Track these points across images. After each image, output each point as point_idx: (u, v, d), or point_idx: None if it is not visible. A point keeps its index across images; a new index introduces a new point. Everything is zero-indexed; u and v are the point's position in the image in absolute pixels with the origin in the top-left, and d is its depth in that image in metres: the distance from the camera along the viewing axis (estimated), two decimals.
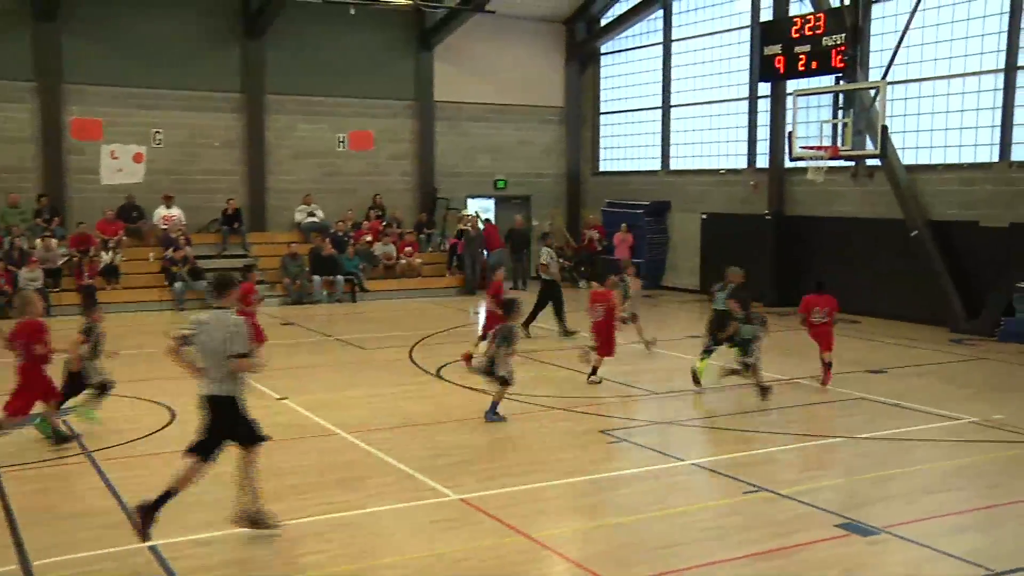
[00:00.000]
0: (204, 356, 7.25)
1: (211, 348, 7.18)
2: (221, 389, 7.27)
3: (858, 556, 7.02)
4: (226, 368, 7.19)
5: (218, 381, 7.25)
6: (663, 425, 11.02)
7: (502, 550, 7.09)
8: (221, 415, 7.34)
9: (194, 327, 7.27)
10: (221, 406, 7.32)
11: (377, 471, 9.11)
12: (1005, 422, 10.94)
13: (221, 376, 7.23)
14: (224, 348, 7.13)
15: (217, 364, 7.20)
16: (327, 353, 15.88)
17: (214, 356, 7.19)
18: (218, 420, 7.35)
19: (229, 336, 7.15)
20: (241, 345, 7.14)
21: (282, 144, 24.90)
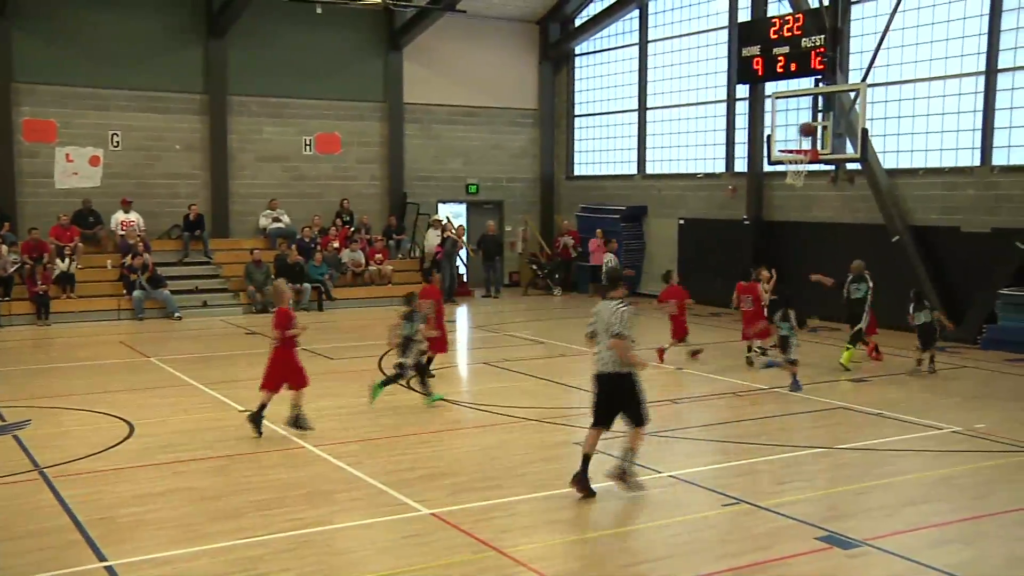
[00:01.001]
0: (601, 339, 8.62)
1: (604, 332, 8.57)
2: (618, 367, 8.52)
3: (838, 570, 7.07)
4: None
5: (614, 360, 8.51)
6: None
7: (474, 566, 7.08)
8: (618, 390, 8.61)
9: (592, 317, 8.74)
10: (617, 382, 8.58)
11: (345, 485, 9.07)
12: (988, 431, 11.08)
13: (615, 356, 8.48)
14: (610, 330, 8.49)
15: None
16: None
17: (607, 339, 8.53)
18: (615, 395, 8.63)
19: (616, 320, 8.48)
20: (621, 327, 8.42)
21: (246, 147, 24.78)
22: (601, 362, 8.63)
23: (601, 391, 8.70)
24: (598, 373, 8.69)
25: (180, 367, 15.25)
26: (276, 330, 11.04)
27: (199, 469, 9.62)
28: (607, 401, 8.67)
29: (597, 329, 8.70)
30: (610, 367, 8.55)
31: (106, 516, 8.13)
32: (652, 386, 13.79)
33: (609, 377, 8.60)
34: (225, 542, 7.53)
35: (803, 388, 13.30)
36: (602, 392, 8.69)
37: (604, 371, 8.62)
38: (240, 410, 12.15)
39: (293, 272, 22.42)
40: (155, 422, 11.56)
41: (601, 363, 8.63)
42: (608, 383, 8.64)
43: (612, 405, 8.68)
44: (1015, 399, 13.14)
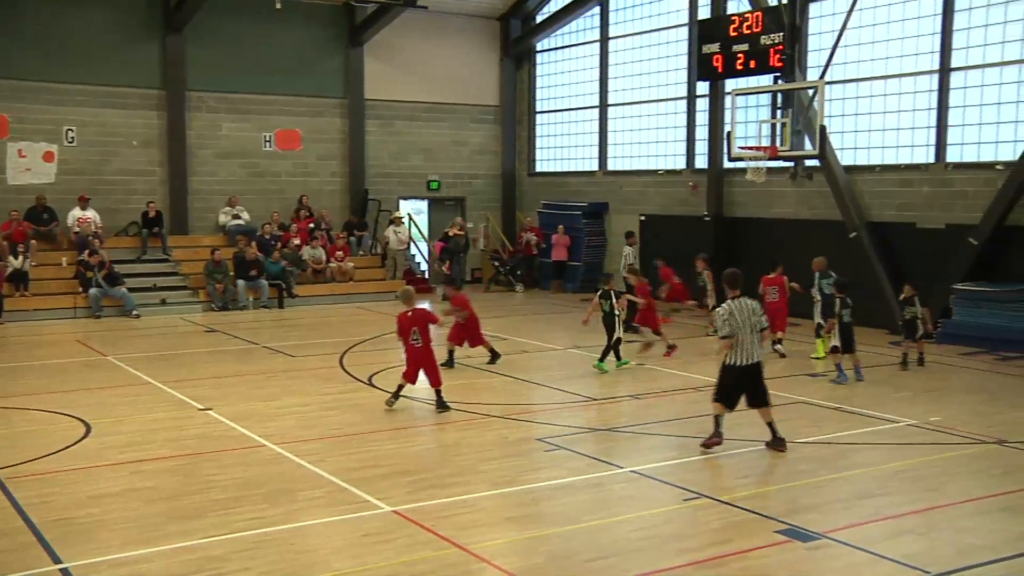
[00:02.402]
0: (744, 333, 9.82)
1: (749, 326, 9.86)
2: (758, 357, 9.96)
3: (798, 562, 7.15)
4: (759, 339, 9.95)
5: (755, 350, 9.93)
6: (601, 432, 11.10)
7: (436, 563, 7.08)
8: (752, 377, 9.99)
9: (729, 312, 9.86)
10: (755, 370, 9.98)
11: (306, 483, 9.02)
12: (942, 424, 11.27)
13: (756, 346, 9.92)
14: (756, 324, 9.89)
15: (752, 338, 9.87)
16: (253, 362, 15.68)
17: (752, 332, 9.89)
18: (748, 380, 9.98)
19: (759, 316, 10.00)
20: (765, 320, 10.17)
21: (205, 143, 24.53)
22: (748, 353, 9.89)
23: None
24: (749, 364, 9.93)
25: (138, 366, 15.07)
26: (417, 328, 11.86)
27: (158, 469, 9.51)
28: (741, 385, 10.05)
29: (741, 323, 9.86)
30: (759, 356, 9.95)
31: (62, 518, 8.02)
32: (615, 382, 13.92)
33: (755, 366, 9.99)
34: (184, 542, 7.46)
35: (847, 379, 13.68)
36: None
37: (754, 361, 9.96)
38: (200, 408, 12.04)
39: (252, 269, 22.24)
40: (113, 421, 11.41)
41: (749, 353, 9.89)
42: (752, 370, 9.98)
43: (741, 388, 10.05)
44: (969, 392, 13.38)
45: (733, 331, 9.79)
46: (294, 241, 24.00)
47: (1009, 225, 17.15)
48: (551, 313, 21.31)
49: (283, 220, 24.70)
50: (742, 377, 9.94)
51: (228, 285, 22.05)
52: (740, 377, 9.94)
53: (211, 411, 11.92)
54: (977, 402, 12.65)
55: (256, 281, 22.25)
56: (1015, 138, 17.39)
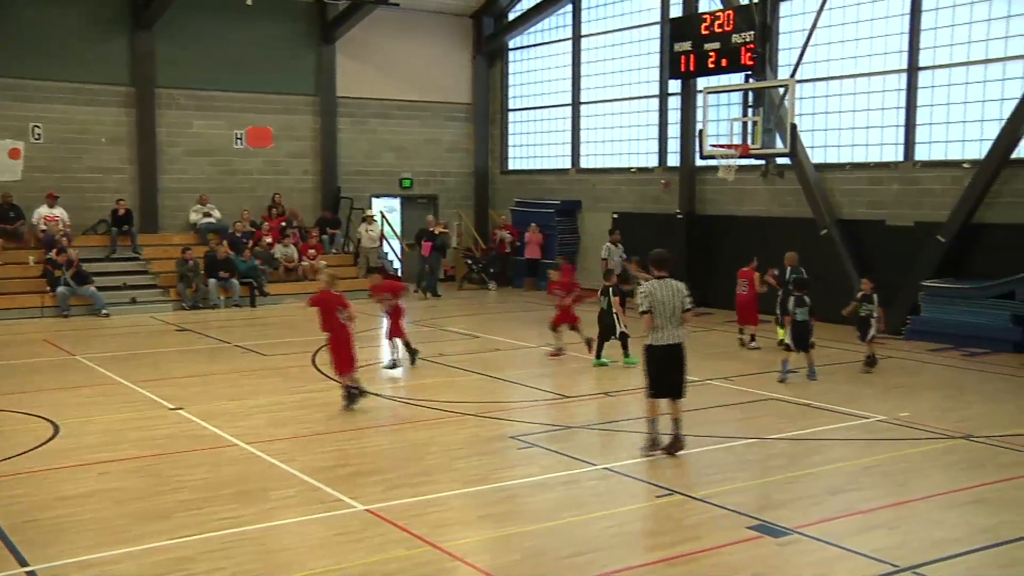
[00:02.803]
0: (664, 312, 9.59)
1: (670, 306, 9.63)
2: (679, 339, 9.70)
3: (769, 558, 7.19)
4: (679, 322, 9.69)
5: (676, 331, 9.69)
6: (574, 429, 11.11)
7: (410, 561, 7.05)
8: (674, 360, 9.72)
9: (649, 291, 9.64)
10: (676, 352, 9.71)
11: (278, 483, 8.96)
12: (911, 419, 11.37)
13: (677, 328, 9.69)
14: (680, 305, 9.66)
15: (673, 319, 9.63)
16: (224, 360, 15.57)
17: (673, 313, 9.62)
18: (669, 363, 9.71)
19: (683, 298, 9.72)
20: (688, 302, 9.75)
21: (175, 141, 24.31)
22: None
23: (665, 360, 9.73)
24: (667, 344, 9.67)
25: (108, 365, 14.91)
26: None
27: (126, 469, 9.41)
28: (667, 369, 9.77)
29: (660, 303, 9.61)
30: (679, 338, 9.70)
31: (29, 519, 7.91)
32: (586, 379, 13.93)
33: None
34: (154, 543, 7.38)
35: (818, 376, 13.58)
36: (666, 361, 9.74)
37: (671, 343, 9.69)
38: (170, 408, 11.93)
39: (224, 267, 22.09)
40: (81, 422, 11.28)
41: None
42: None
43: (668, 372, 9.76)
44: (937, 388, 13.52)
45: (651, 307, 9.57)
46: (266, 239, 23.85)
47: (975, 223, 17.34)
48: (524, 311, 21.30)
49: (255, 218, 24.53)
50: (664, 359, 9.71)
51: (199, 284, 21.87)
52: (662, 359, 9.72)
53: (182, 410, 11.81)
54: (944, 398, 12.78)
55: (227, 280, 22.08)
56: (981, 137, 17.58)
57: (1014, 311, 16.31)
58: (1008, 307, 16.39)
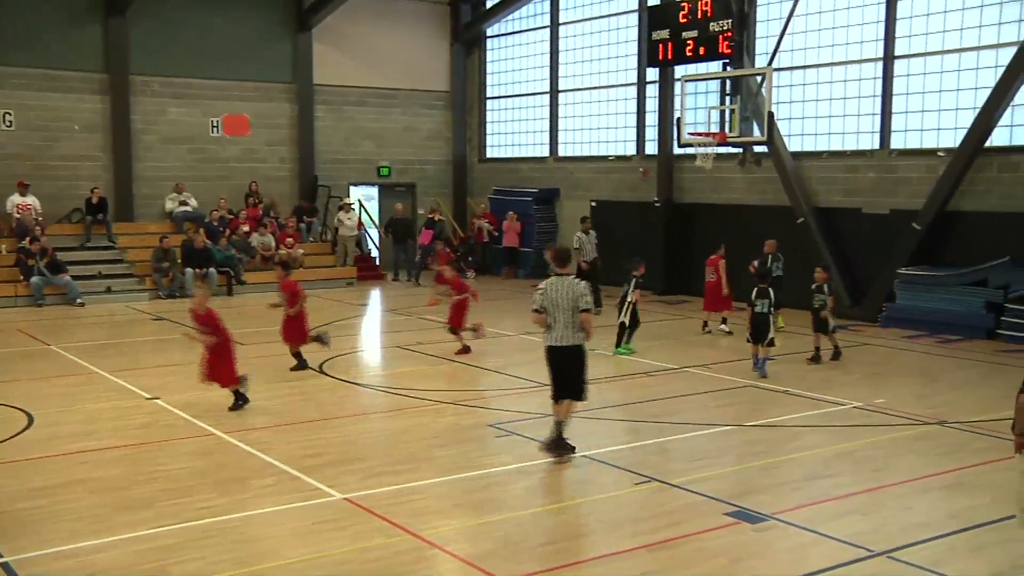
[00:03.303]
0: (557, 312, 9.03)
1: (563, 306, 8.99)
2: (573, 340, 9.09)
3: (746, 544, 7.26)
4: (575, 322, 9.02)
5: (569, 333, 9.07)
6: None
7: (389, 550, 7.07)
8: (566, 362, 9.14)
9: (543, 289, 9.10)
10: (569, 355, 9.13)
11: (257, 472, 8.95)
12: (886, 406, 11.49)
13: (571, 329, 9.05)
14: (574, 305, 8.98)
15: (567, 319, 9.00)
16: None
17: (565, 312, 9.00)
18: (561, 365, 9.16)
19: (579, 297, 8.99)
20: (584, 302, 8.99)
21: (150, 128, 24.10)
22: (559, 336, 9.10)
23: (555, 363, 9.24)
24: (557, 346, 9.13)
25: (83, 355, 14.81)
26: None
27: (104, 459, 9.37)
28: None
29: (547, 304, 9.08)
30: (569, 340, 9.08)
31: (5, 510, 7.86)
32: None
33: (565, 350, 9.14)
34: (133, 532, 7.36)
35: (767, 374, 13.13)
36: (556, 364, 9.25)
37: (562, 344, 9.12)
38: (147, 397, 11.87)
39: (200, 256, 21.96)
40: (57, 412, 11.21)
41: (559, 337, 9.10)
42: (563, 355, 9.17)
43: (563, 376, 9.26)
44: (912, 374, 13.66)
45: (542, 307, 9.09)
46: (243, 228, 23.71)
47: (950, 211, 17.49)
48: (503, 299, 21.30)
49: (231, 207, 24.39)
50: (557, 360, 9.20)
51: (176, 272, 21.73)
52: (555, 360, 9.21)
53: (158, 400, 11.76)
54: (919, 384, 12.92)
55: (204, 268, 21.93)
56: (955, 125, 17.72)
57: (987, 298, 16.48)
58: (981, 294, 16.56)
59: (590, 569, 6.76)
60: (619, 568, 6.78)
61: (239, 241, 23.27)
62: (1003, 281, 16.33)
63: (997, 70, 16.82)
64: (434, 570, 6.92)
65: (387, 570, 6.76)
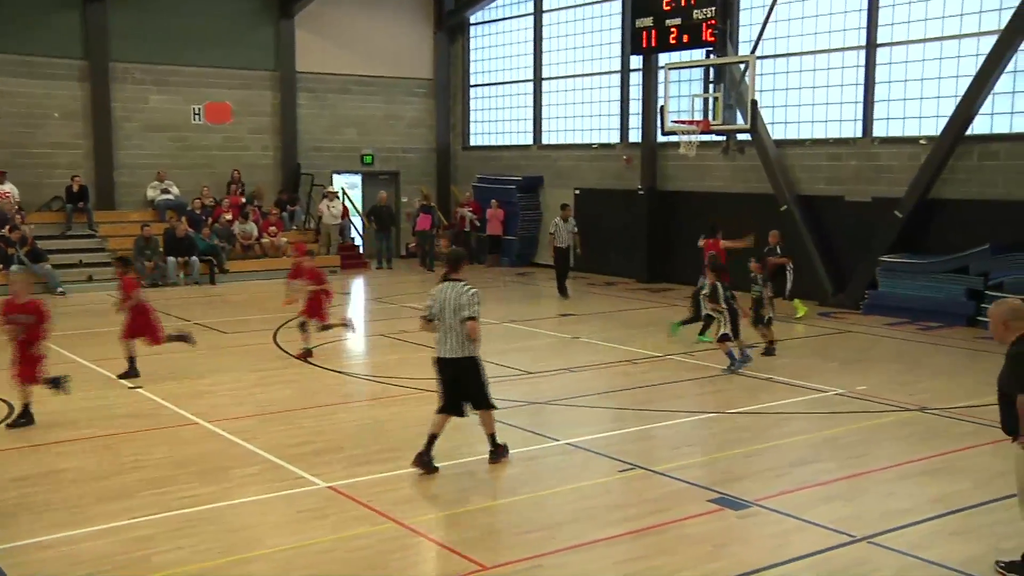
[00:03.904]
0: (443, 319, 8.41)
1: (449, 312, 8.38)
2: (463, 351, 8.43)
3: (730, 530, 7.28)
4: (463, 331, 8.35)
5: (456, 342, 8.41)
6: (536, 405, 11.14)
7: (372, 538, 7.05)
8: (456, 374, 8.51)
9: (432, 295, 8.53)
10: (458, 366, 8.47)
11: (240, 461, 8.91)
12: (868, 392, 11.55)
13: (459, 338, 8.38)
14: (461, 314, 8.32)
15: (453, 326, 8.37)
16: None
17: (451, 319, 8.36)
18: (452, 378, 8.54)
19: (466, 305, 8.33)
20: (470, 311, 8.32)
21: (131, 116, 23.91)
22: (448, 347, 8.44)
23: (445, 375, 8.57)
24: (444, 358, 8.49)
25: (64, 344, 14.65)
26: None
27: (84, 449, 9.31)
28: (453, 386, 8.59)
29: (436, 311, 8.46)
30: (457, 351, 8.41)
31: None
32: (549, 354, 13.96)
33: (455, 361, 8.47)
34: (113, 523, 7.31)
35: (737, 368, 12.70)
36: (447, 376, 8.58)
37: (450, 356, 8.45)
38: (129, 387, 11.80)
39: (183, 245, 21.83)
40: (36, 401, 11.08)
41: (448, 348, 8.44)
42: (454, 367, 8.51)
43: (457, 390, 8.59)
44: (894, 361, 13.72)
45: (432, 314, 8.51)
46: (226, 216, 23.58)
47: (932, 199, 17.56)
48: (486, 287, 21.26)
49: (214, 195, 24.25)
50: (446, 372, 8.57)
51: (158, 261, 21.60)
52: (444, 372, 8.58)
53: (140, 389, 11.69)
54: (901, 371, 12.99)
55: (186, 257, 21.81)
56: (937, 113, 17.77)
57: (968, 285, 16.57)
58: (962, 281, 16.65)
59: (574, 556, 6.77)
60: (603, 555, 6.79)
61: (221, 229, 23.14)
62: (983, 268, 16.43)
63: (978, 58, 16.87)
64: (417, 558, 6.91)
65: (371, 559, 6.74)
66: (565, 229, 20.03)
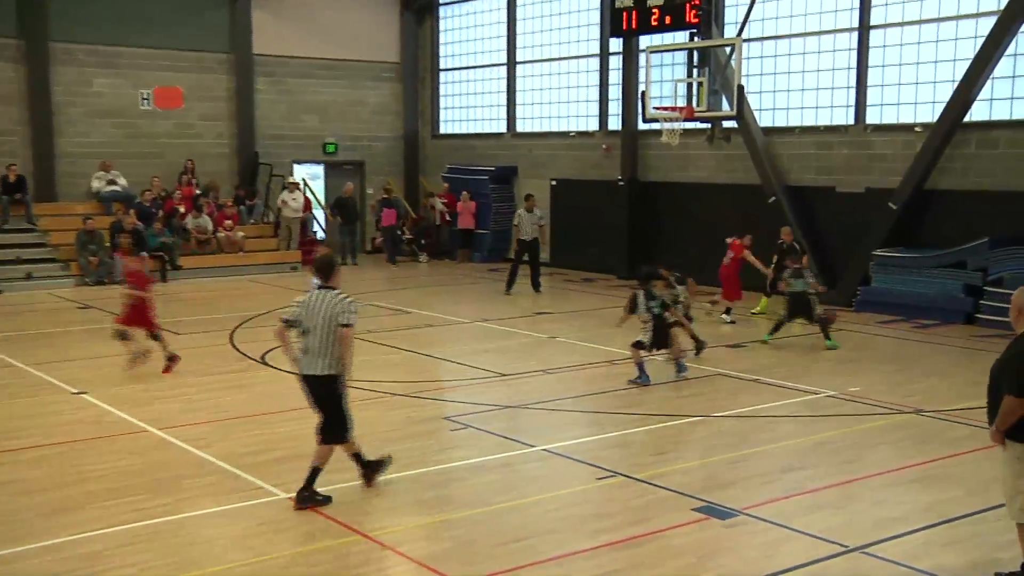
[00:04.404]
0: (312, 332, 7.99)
1: (319, 325, 7.96)
2: (324, 369, 8.00)
3: (715, 540, 7.35)
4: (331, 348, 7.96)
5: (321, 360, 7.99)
6: (511, 409, 11.17)
7: (337, 552, 7.06)
8: (315, 395, 8.15)
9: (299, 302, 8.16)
10: (317, 386, 8.09)
11: (195, 471, 8.89)
12: (860, 394, 11.67)
13: (326, 356, 7.98)
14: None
15: (320, 342, 7.96)
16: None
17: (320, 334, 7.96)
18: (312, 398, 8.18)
19: (338, 317, 7.94)
20: (345, 318, 7.95)
21: (73, 101, 23.70)
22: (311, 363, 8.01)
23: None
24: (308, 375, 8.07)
25: (1, 347, 14.56)
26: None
27: (26, 460, 9.24)
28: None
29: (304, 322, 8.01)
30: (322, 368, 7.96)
31: None
32: (524, 354, 13.99)
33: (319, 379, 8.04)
34: (57, 539, 7.27)
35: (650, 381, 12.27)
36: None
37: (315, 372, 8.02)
38: (74, 392, 11.72)
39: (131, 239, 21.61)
40: None
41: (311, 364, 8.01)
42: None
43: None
44: (887, 361, 13.88)
45: (296, 320, 8.04)
46: (179, 209, 23.43)
47: (928, 189, 17.75)
48: (457, 284, 21.33)
49: (164, 187, 24.09)
50: (310, 391, 8.14)
51: (104, 257, 21.43)
52: (309, 390, 8.15)
53: (86, 395, 11.61)
54: (895, 371, 13.13)
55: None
56: (933, 99, 17.97)
57: (966, 281, 16.75)
58: (960, 277, 16.83)
59: (550, 570, 6.80)
60: (580, 568, 6.83)
61: (174, 223, 23.00)
62: (982, 263, 16.62)
63: (976, 41, 17.06)
64: (385, 573, 6.93)
65: (335, 573, 6.75)
66: (529, 220, 19.87)
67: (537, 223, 20.04)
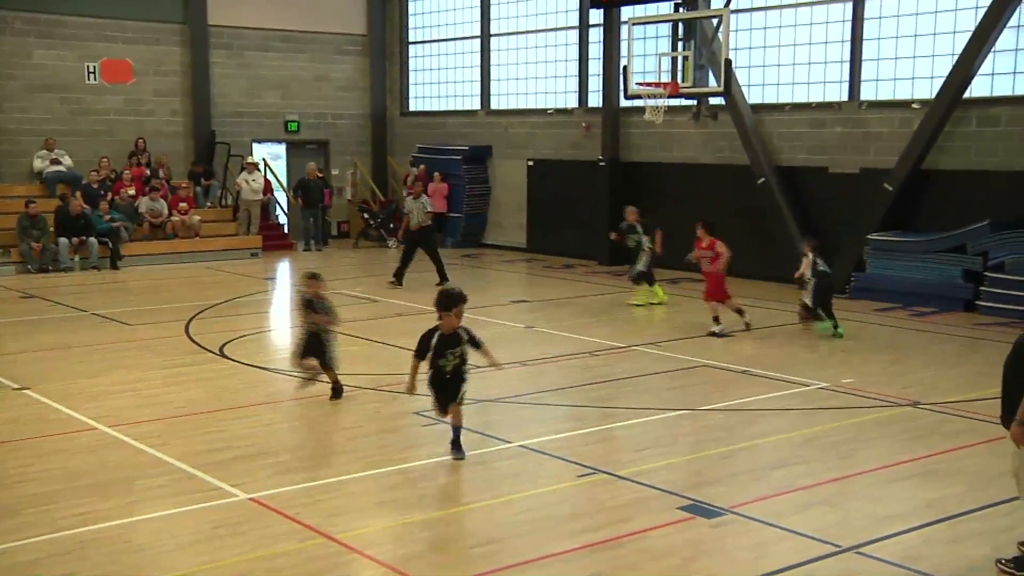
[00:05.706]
0: None
1: None
2: None
3: (701, 541, 7.35)
4: None
5: None
6: (485, 403, 11.13)
7: (299, 556, 7.01)
8: None
9: None
10: None
11: (146, 471, 8.80)
12: (855, 386, 11.71)
13: None
14: None
15: None
16: (80, 331, 15.18)
17: None
18: None
19: None
20: None
21: (12, 74, 23.48)
22: None
23: None
24: None
25: None
26: None
27: None
28: None
29: None
30: None
31: None
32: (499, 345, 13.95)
33: None
34: None
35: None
36: None
37: None
38: (15, 388, 11.58)
39: (77, 224, 21.47)
40: None
41: None
42: None
43: None
44: (883, 351, 13.94)
45: None
46: (128, 191, 23.24)
47: (925, 169, 17.83)
48: (428, 271, 21.24)
49: (114, 167, 23.88)
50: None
51: (47, 243, 21.22)
52: None
53: (28, 391, 11.48)
54: (891, 362, 13.20)
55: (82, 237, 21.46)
56: (931, 74, 18.03)
57: (966, 266, 16.84)
58: (959, 262, 16.91)
59: (526, 573, 6.78)
60: (559, 571, 6.82)
61: (123, 206, 22.81)
62: (983, 247, 16.70)
63: (977, 12, 17.12)
64: None
65: None
66: (418, 208, 19.34)
67: (427, 210, 19.43)
